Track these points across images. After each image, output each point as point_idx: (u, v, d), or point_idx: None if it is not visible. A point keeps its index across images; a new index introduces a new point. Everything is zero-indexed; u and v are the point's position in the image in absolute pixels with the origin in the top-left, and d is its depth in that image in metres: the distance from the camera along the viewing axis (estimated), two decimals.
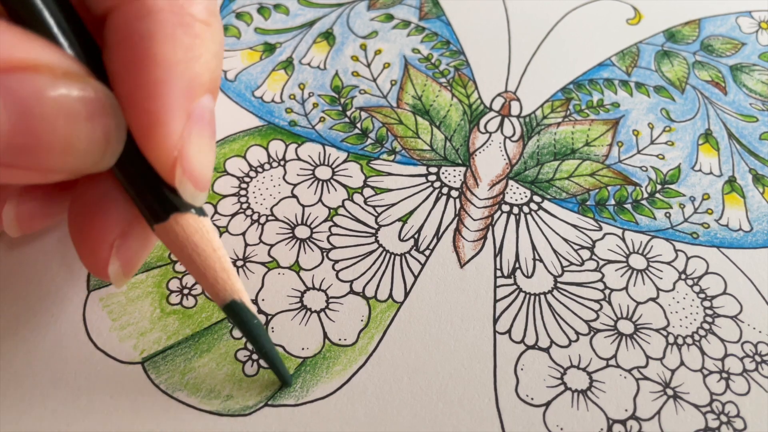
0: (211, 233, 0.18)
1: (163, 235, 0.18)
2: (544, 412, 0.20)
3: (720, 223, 0.24)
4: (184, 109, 0.16)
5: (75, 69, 0.15)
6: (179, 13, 0.17)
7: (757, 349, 0.21)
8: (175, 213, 0.17)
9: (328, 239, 0.23)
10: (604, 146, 0.26)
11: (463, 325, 0.21)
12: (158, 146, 0.16)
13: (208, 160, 0.18)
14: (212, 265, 0.18)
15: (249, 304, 0.18)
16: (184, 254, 0.18)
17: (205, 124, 0.17)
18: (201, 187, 0.17)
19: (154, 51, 0.16)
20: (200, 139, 0.17)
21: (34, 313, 0.21)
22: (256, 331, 0.18)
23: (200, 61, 0.17)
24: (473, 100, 0.27)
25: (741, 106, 0.27)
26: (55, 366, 0.20)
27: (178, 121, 0.16)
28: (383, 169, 0.25)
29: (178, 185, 0.17)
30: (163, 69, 0.16)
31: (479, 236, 0.23)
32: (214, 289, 0.18)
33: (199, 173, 0.17)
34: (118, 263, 0.18)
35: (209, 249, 0.18)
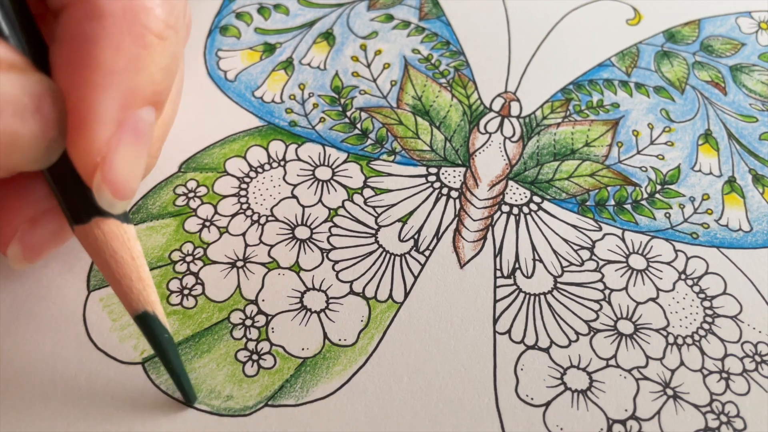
0: (132, 241, 0.18)
1: (83, 237, 0.17)
2: (544, 412, 0.20)
3: (720, 223, 0.24)
4: (115, 117, 0.16)
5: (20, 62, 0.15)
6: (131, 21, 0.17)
7: (757, 349, 0.21)
8: (97, 217, 0.17)
9: (328, 240, 0.23)
10: (603, 147, 0.26)
11: (463, 325, 0.21)
12: (82, 148, 0.16)
13: (134, 171, 0.17)
14: (128, 274, 0.17)
15: (161, 317, 0.18)
16: (101, 259, 0.17)
17: (138, 135, 0.17)
18: (121, 197, 0.17)
19: (96, 54, 0.16)
20: (129, 149, 0.17)
21: (34, 313, 0.21)
22: (166, 346, 0.18)
23: (144, 73, 0.17)
24: (473, 100, 0.27)
25: (741, 107, 0.27)
26: (55, 366, 0.20)
27: (106, 128, 0.16)
28: (383, 169, 0.25)
29: (96, 191, 0.17)
30: (100, 74, 0.16)
31: (479, 237, 0.23)
32: (127, 297, 0.18)
33: (121, 183, 0.17)
34: (18, 246, 0.18)
35: (128, 257, 0.17)
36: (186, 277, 0.22)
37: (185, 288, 0.22)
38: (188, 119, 0.25)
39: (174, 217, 0.23)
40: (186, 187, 0.24)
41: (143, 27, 0.17)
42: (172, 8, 0.18)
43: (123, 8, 0.17)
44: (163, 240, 0.23)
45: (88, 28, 0.16)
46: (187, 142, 0.25)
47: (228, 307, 0.21)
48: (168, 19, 0.18)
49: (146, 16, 0.17)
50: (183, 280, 0.22)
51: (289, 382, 0.20)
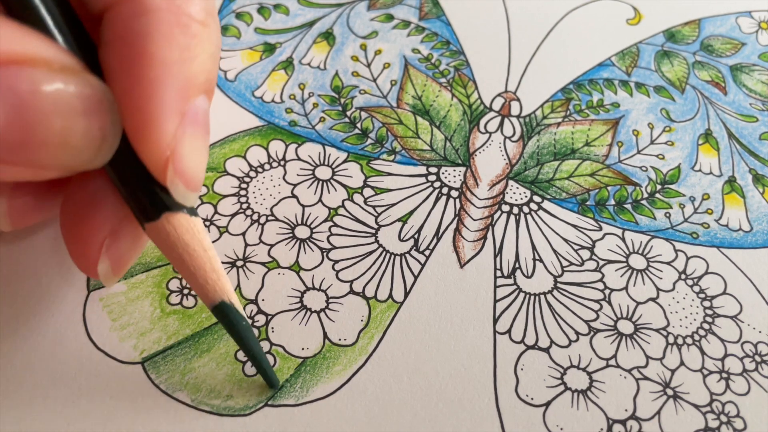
0: (202, 233, 0.18)
1: (154, 234, 0.17)
2: (544, 412, 0.20)
3: (720, 223, 0.24)
4: (178, 108, 0.16)
5: (71, 64, 0.15)
6: (176, 12, 0.17)
7: (757, 349, 0.21)
8: (166, 212, 0.17)
9: (328, 239, 0.23)
10: (604, 146, 0.26)
11: (463, 325, 0.21)
12: (151, 145, 0.16)
13: (201, 160, 0.17)
14: (202, 266, 0.18)
15: (238, 306, 0.18)
16: (175, 254, 0.17)
17: (199, 124, 0.17)
18: (192, 188, 0.17)
19: (150, 50, 0.16)
20: (194, 139, 0.17)
21: (34, 313, 0.21)
22: (245, 333, 0.18)
23: (196, 61, 0.17)
24: (473, 100, 0.27)
25: (741, 106, 0.27)
26: (55, 366, 0.20)
27: (172, 121, 0.16)
28: (383, 169, 0.25)
29: (170, 185, 0.17)
30: (158, 68, 0.16)
31: (479, 236, 0.23)
32: (203, 289, 0.18)
33: (191, 173, 0.17)
34: (107, 262, 0.18)
35: (200, 249, 0.17)
36: None
37: (185, 288, 0.22)
38: None
39: None
40: None
41: (188, 17, 0.17)
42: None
43: (167, 1, 0.17)
44: None
45: (138, 25, 0.16)
46: None
47: None
48: (207, 6, 0.18)
49: (189, 6, 0.17)
50: (183, 279, 0.22)
51: (289, 382, 0.20)
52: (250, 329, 0.18)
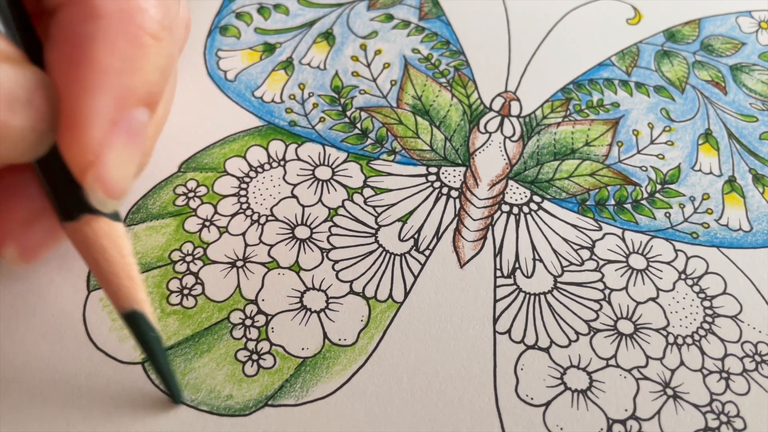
0: (122, 239, 0.18)
1: (72, 233, 0.18)
2: (544, 412, 0.20)
3: (720, 223, 0.24)
4: (109, 116, 0.16)
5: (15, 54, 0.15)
6: (126, 21, 0.17)
7: (757, 349, 0.21)
8: (87, 214, 0.17)
9: (328, 239, 0.23)
10: (603, 146, 0.26)
11: (463, 325, 0.21)
12: (75, 147, 0.16)
13: (127, 170, 0.17)
14: (117, 272, 0.17)
15: (150, 316, 0.18)
16: (91, 257, 0.17)
17: (132, 135, 0.17)
18: (113, 196, 0.17)
19: (91, 54, 0.16)
20: (122, 149, 0.17)
21: (34, 313, 0.21)
22: (152, 344, 0.18)
23: (139, 73, 0.17)
24: (473, 100, 0.27)
25: (741, 106, 0.27)
26: (55, 366, 0.20)
27: (101, 127, 0.16)
28: (383, 169, 0.25)
29: (88, 189, 0.17)
30: (96, 73, 0.16)
31: (479, 236, 0.23)
32: (116, 295, 0.18)
33: (113, 182, 0.17)
34: (12, 248, 0.18)
35: (117, 255, 0.17)
36: (186, 277, 0.22)
37: (185, 288, 0.22)
38: (188, 119, 0.25)
39: (174, 217, 0.23)
40: (186, 187, 0.24)
41: (139, 27, 0.17)
42: (168, 9, 0.18)
43: (119, 9, 0.17)
44: (163, 240, 0.23)
45: (84, 28, 0.16)
46: (187, 142, 0.25)
47: (228, 306, 0.21)
48: (163, 20, 0.18)
49: (142, 17, 0.17)
50: (183, 279, 0.22)
51: (288, 382, 0.20)
52: (158, 341, 0.18)
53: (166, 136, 0.25)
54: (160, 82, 0.18)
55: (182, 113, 0.25)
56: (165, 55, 0.18)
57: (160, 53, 0.17)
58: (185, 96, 0.26)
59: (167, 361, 0.19)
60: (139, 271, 0.18)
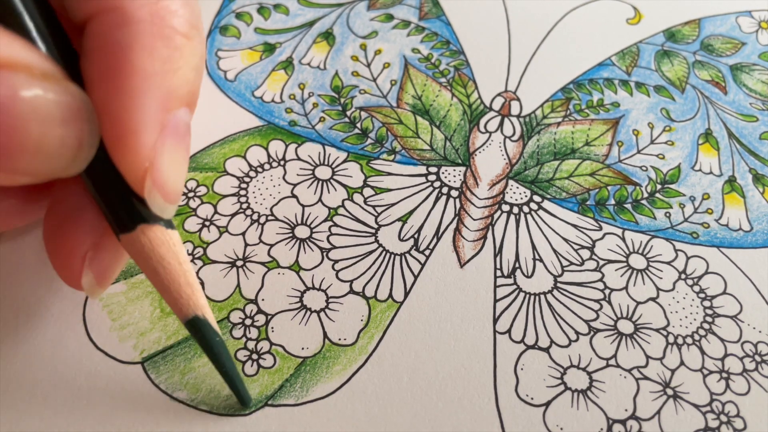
0: (178, 246, 0.18)
1: (129, 245, 0.17)
2: (544, 411, 0.20)
3: (720, 222, 0.24)
4: (158, 120, 0.16)
5: (52, 71, 0.15)
6: (159, 24, 0.17)
7: (757, 349, 0.21)
8: (142, 224, 0.17)
9: (328, 239, 0.23)
10: (604, 146, 0.25)
11: (463, 325, 0.21)
12: (130, 156, 0.16)
13: (180, 173, 0.17)
14: (177, 279, 0.17)
15: (212, 321, 0.18)
16: (149, 266, 0.17)
17: (180, 136, 0.17)
18: (171, 200, 0.17)
19: (131, 60, 0.16)
20: (173, 151, 0.17)
21: (34, 313, 0.21)
22: (218, 349, 0.18)
23: (178, 73, 0.17)
24: (473, 99, 0.27)
25: (741, 106, 0.27)
26: (55, 366, 0.20)
27: (152, 132, 0.16)
28: (383, 168, 0.25)
29: (148, 197, 0.17)
30: (139, 79, 0.16)
31: (479, 236, 0.23)
32: (177, 303, 0.18)
33: (170, 186, 0.17)
34: (91, 275, 0.18)
35: (175, 262, 0.17)
36: None
37: None
38: None
39: (174, 217, 0.23)
40: (186, 187, 0.24)
41: (171, 29, 0.17)
42: (193, 8, 0.18)
43: (150, 13, 0.17)
44: None
45: (119, 36, 0.16)
46: None
47: (228, 306, 0.21)
48: (191, 18, 0.18)
49: (172, 18, 0.17)
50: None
51: (288, 382, 0.20)
52: (223, 345, 0.18)
53: None
54: (197, 80, 0.18)
55: None
56: (198, 53, 0.18)
57: (193, 52, 0.18)
58: None
59: (234, 365, 0.19)
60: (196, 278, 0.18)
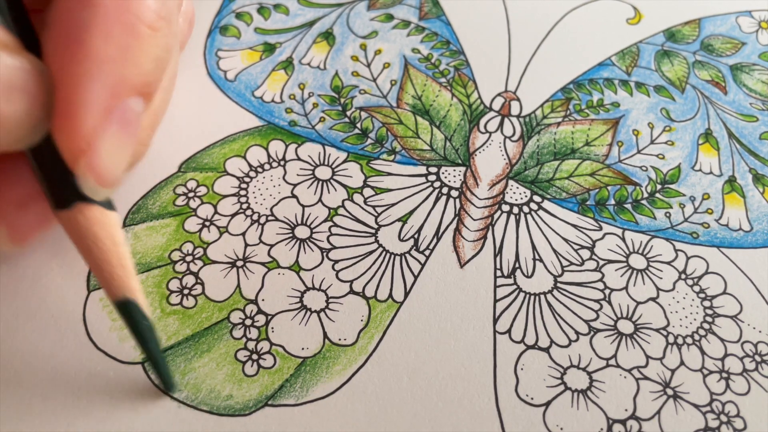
0: (115, 228, 0.18)
1: (65, 221, 0.18)
2: (544, 411, 0.20)
3: (720, 222, 0.24)
4: (103, 104, 0.16)
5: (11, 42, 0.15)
6: (123, 10, 0.17)
7: (757, 349, 0.21)
8: (80, 202, 0.17)
9: (328, 239, 0.23)
10: (604, 146, 0.25)
11: (463, 325, 0.21)
12: (68, 134, 0.16)
13: (119, 159, 0.17)
14: (110, 260, 0.17)
15: (143, 304, 0.18)
16: (84, 245, 0.17)
17: (126, 125, 0.17)
18: (104, 184, 0.17)
19: (86, 41, 0.16)
20: (115, 138, 0.17)
21: (34, 313, 0.21)
22: (146, 333, 0.18)
23: (134, 62, 0.17)
24: (473, 99, 0.27)
25: (741, 106, 0.27)
26: (55, 366, 0.20)
27: (94, 115, 0.16)
28: (383, 169, 0.25)
29: (80, 177, 0.17)
30: (91, 61, 0.16)
31: (479, 236, 0.23)
32: (108, 284, 0.18)
33: (105, 170, 0.17)
34: (4, 229, 0.18)
35: (110, 243, 0.17)
36: (186, 277, 0.22)
37: (185, 288, 0.22)
38: (188, 119, 0.25)
39: (174, 217, 0.23)
40: (186, 187, 0.24)
41: (135, 17, 0.17)
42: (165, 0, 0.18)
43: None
44: (163, 240, 0.23)
45: (80, 15, 0.16)
46: (187, 142, 0.25)
47: (228, 306, 0.21)
48: (160, 10, 0.18)
49: (138, 7, 0.17)
50: (183, 279, 0.22)
51: (289, 382, 0.20)
52: (151, 329, 0.19)
53: (166, 136, 0.25)
54: (156, 72, 0.18)
55: (182, 113, 0.25)
56: (161, 45, 0.18)
57: (156, 43, 0.17)
58: (185, 96, 0.26)
59: (159, 349, 0.19)
60: (131, 260, 0.18)
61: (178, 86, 0.26)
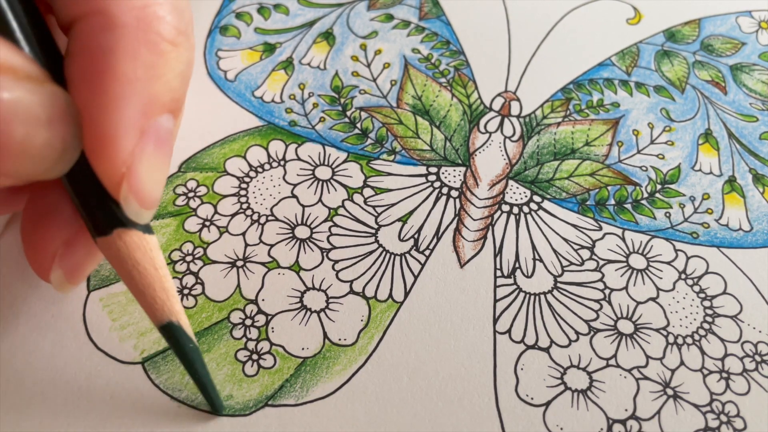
0: (155, 251, 0.18)
1: (105, 248, 0.17)
2: (544, 412, 0.20)
3: (720, 222, 0.24)
4: (138, 126, 0.16)
5: (36, 73, 0.15)
6: (145, 30, 0.17)
7: (757, 349, 0.21)
8: (119, 228, 0.17)
9: (328, 239, 0.23)
10: (604, 146, 0.26)
11: (463, 325, 0.21)
12: (107, 161, 0.16)
13: (159, 179, 0.17)
14: (152, 284, 0.17)
15: (186, 327, 0.18)
16: (125, 270, 0.17)
17: (161, 143, 0.17)
18: (147, 206, 0.17)
19: (113, 65, 0.16)
20: (153, 158, 0.17)
21: (34, 313, 0.21)
22: (192, 355, 0.18)
23: (162, 80, 0.17)
24: (473, 100, 0.27)
25: (741, 106, 0.27)
26: (55, 366, 0.20)
27: (130, 138, 0.16)
28: (383, 169, 0.25)
29: (123, 202, 0.17)
30: (120, 84, 0.16)
31: (479, 236, 0.23)
32: (152, 308, 0.18)
33: (147, 192, 0.17)
34: (60, 271, 0.18)
35: (150, 267, 0.17)
36: (186, 277, 0.22)
37: (185, 288, 0.22)
38: (188, 119, 0.25)
39: (174, 217, 0.23)
40: (186, 187, 0.24)
41: (157, 35, 0.17)
42: (182, 15, 0.18)
43: (136, 18, 0.17)
44: (163, 240, 0.23)
45: (104, 40, 0.16)
46: (187, 142, 0.25)
47: (228, 306, 0.21)
48: (179, 25, 0.18)
49: (159, 24, 0.17)
50: (183, 279, 0.22)
51: (289, 382, 0.20)
52: (197, 351, 0.18)
53: None
54: (182, 87, 0.18)
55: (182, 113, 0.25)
56: (184, 60, 0.18)
57: (179, 59, 0.18)
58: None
59: (207, 371, 0.19)
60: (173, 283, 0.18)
61: None
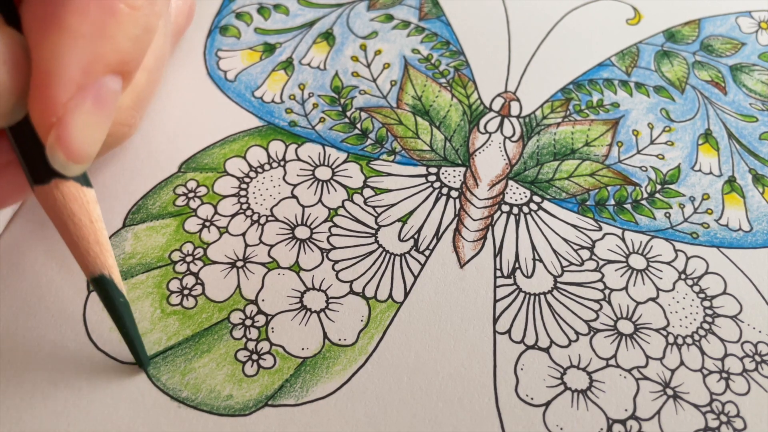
0: (92, 204, 0.18)
1: (42, 197, 0.18)
2: (544, 412, 0.20)
3: (720, 223, 0.24)
4: (75, 80, 0.16)
5: None
6: None
7: (757, 349, 0.21)
8: (56, 178, 0.17)
9: (328, 239, 0.23)
10: (603, 146, 0.26)
11: (463, 325, 0.21)
12: (39, 107, 0.16)
13: (92, 137, 0.17)
14: (86, 236, 0.18)
15: (118, 281, 0.18)
16: (60, 221, 0.18)
17: (101, 102, 0.17)
18: (74, 159, 0.17)
19: (61, 17, 0.16)
20: (88, 115, 0.17)
21: (34, 313, 0.21)
22: (121, 310, 0.18)
23: (110, 40, 0.17)
24: (473, 100, 0.27)
25: (741, 106, 0.27)
26: (55, 366, 0.20)
27: (65, 90, 0.16)
28: (383, 169, 0.25)
29: (48, 150, 0.17)
30: (64, 36, 0.16)
31: (479, 236, 0.23)
32: (85, 260, 0.18)
33: (76, 146, 0.17)
34: None
35: (86, 219, 0.18)
36: (186, 277, 0.22)
37: (185, 288, 0.22)
38: (188, 119, 0.25)
39: (174, 217, 0.23)
40: (186, 187, 0.24)
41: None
42: None
43: None
44: (163, 240, 0.23)
45: None
46: (187, 142, 0.25)
47: (228, 307, 0.21)
48: None
49: None
50: (183, 280, 0.22)
51: (288, 382, 0.20)
52: (127, 306, 0.19)
53: (166, 136, 0.25)
54: (134, 51, 0.18)
55: (182, 113, 0.25)
56: (141, 24, 0.18)
57: (135, 22, 0.17)
58: (185, 96, 0.26)
59: (135, 327, 0.19)
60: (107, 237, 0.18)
61: (178, 86, 0.26)
